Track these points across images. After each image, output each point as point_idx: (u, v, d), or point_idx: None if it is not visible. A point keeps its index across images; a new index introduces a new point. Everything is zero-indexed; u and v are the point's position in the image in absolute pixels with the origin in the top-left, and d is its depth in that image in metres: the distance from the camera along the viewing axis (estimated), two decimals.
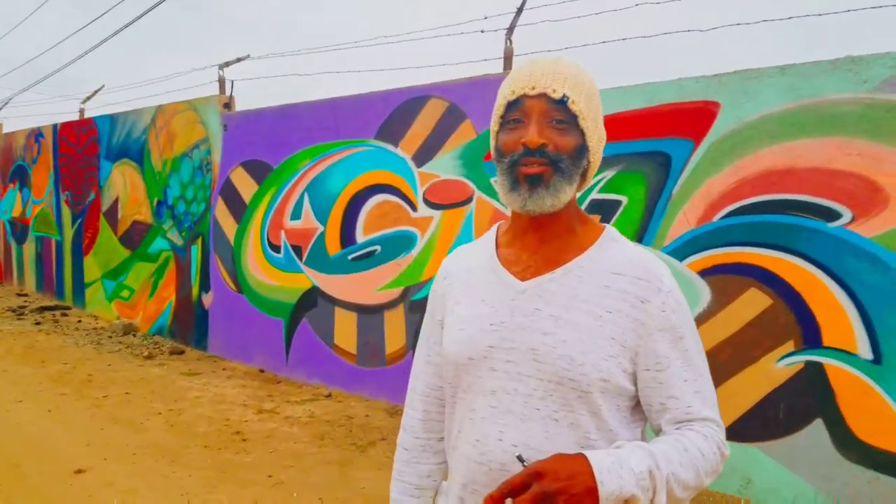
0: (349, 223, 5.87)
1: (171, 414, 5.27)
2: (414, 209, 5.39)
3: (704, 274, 3.80)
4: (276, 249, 6.54)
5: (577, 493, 1.00)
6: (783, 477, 3.55)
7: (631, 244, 1.27)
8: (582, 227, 1.28)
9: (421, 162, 5.35)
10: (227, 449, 4.56)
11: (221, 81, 7.29)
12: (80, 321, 9.10)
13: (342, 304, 5.94)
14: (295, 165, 6.33)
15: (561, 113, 1.17)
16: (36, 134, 10.93)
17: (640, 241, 3.99)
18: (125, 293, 8.78)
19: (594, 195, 4.28)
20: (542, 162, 1.17)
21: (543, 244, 1.26)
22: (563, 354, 1.16)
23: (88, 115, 9.81)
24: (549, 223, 1.25)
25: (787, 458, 3.54)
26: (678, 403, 1.18)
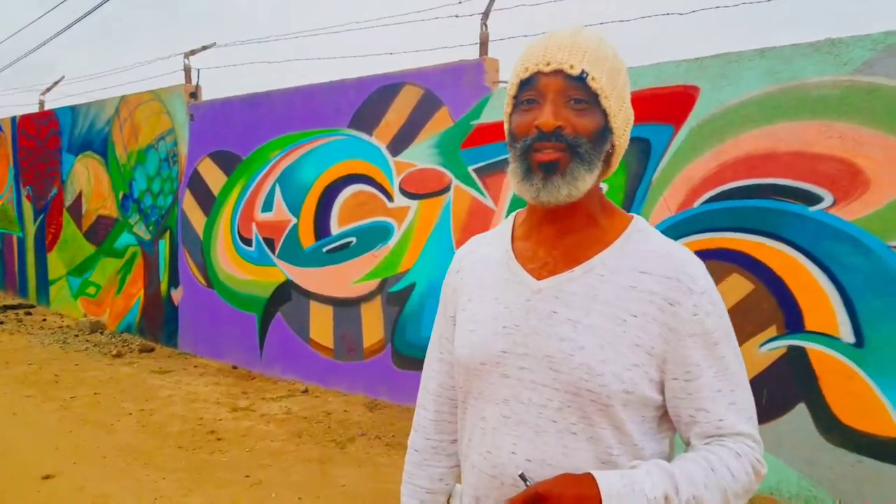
0: (323, 214, 5.77)
1: (142, 414, 5.14)
2: (390, 199, 5.31)
3: None
4: (247, 243, 6.42)
5: None
6: (767, 462, 3.54)
7: (661, 237, 1.15)
8: (606, 218, 1.16)
9: (396, 151, 5.26)
10: (201, 449, 4.45)
11: (187, 70, 7.15)
12: (44, 320, 8.88)
13: (317, 297, 5.85)
14: (265, 156, 6.21)
15: (580, 91, 1.06)
16: None
17: None
18: (91, 290, 8.60)
19: None
20: (557, 147, 1.05)
21: (562, 238, 1.15)
22: (581, 363, 1.06)
23: (49, 106, 9.60)
24: (567, 214, 1.13)
25: (770, 442, 3.54)
26: (709, 416, 1.08)
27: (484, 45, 4.91)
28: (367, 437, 4.65)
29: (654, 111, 3.92)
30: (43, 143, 9.45)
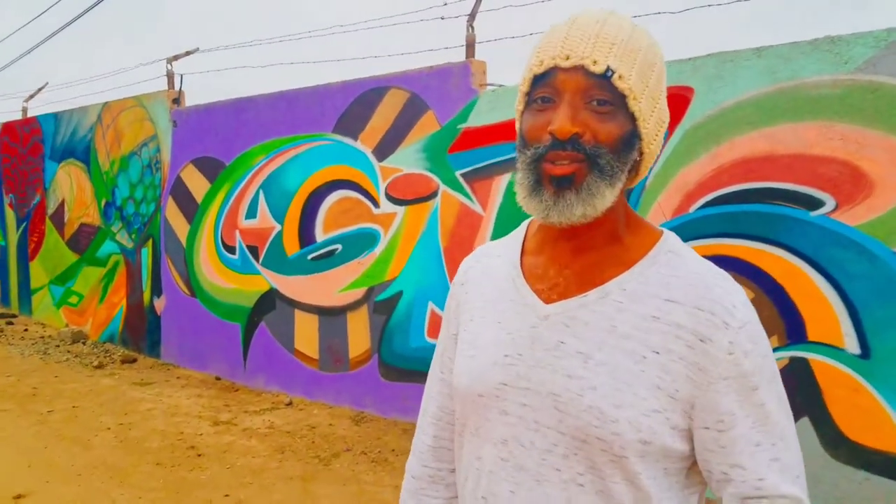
0: (308, 221, 5.63)
1: (120, 429, 4.98)
2: (376, 205, 5.18)
3: None
4: (230, 250, 6.27)
5: None
6: None
7: (695, 259, 0.98)
8: (631, 235, 1.00)
9: (382, 156, 5.13)
10: (180, 466, 4.30)
11: (170, 76, 7.04)
12: (26, 329, 8.72)
13: (302, 306, 5.70)
14: (249, 162, 6.08)
15: (604, 91, 0.90)
16: None
17: None
18: (74, 299, 8.45)
19: None
20: (574, 157, 0.90)
21: (577, 256, 0.99)
22: (591, 406, 0.91)
23: (32, 113, 9.47)
24: (585, 230, 0.97)
25: None
26: (746, 475, 0.91)
27: (470, 46, 4.81)
28: (352, 452, 4.49)
29: None
30: (26, 150, 9.33)
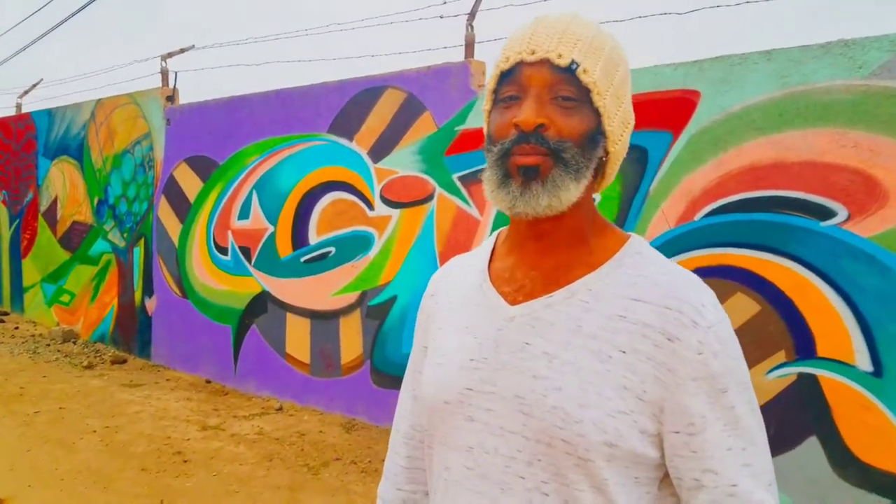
0: (301, 223, 5.54)
1: (107, 432, 4.87)
2: (370, 208, 5.08)
3: None
4: (223, 251, 6.17)
5: None
6: None
7: (662, 260, 0.99)
8: (597, 237, 1.00)
9: (378, 157, 5.03)
10: (166, 472, 4.19)
11: (164, 73, 6.95)
12: (17, 328, 8.62)
13: (294, 309, 5.60)
14: (242, 161, 5.99)
15: (569, 86, 0.91)
16: None
17: None
18: (65, 298, 8.36)
19: None
20: (539, 150, 0.90)
21: (544, 258, 0.99)
22: (555, 406, 0.89)
23: (26, 109, 9.39)
24: (552, 230, 0.97)
25: (778, 478, 3.25)
26: (718, 480, 0.89)
27: (469, 46, 4.71)
28: (342, 461, 4.37)
29: (650, 117, 3.70)
30: (19, 146, 9.25)
